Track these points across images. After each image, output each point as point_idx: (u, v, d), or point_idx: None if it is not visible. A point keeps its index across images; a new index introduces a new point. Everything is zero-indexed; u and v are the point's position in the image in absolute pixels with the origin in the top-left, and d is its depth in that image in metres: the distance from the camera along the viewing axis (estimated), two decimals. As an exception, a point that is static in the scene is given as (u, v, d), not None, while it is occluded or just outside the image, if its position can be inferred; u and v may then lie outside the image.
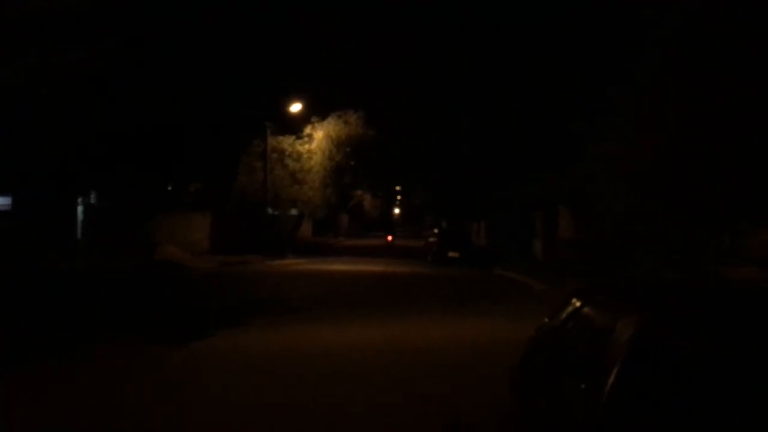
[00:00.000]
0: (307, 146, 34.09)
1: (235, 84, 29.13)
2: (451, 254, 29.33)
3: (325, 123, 34.38)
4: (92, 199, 28.87)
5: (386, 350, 9.47)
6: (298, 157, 33.94)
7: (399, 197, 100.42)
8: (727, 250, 13.60)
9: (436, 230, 38.66)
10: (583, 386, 3.31)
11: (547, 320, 4.59)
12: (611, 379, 2.97)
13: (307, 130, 34.06)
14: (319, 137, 34.24)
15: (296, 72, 31.36)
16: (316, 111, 33.68)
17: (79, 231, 27.13)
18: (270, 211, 33.03)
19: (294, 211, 37.09)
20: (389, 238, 50.15)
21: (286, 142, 33.58)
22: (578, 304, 4.10)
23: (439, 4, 30.50)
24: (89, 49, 19.95)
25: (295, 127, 33.54)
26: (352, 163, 35.71)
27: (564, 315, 4.22)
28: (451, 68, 32.13)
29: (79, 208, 27.51)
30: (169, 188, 32.43)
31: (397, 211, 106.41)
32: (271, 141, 32.04)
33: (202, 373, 8.12)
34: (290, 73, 31.09)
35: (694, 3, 12.96)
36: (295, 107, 32.07)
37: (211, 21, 26.10)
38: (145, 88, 23.76)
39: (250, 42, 28.78)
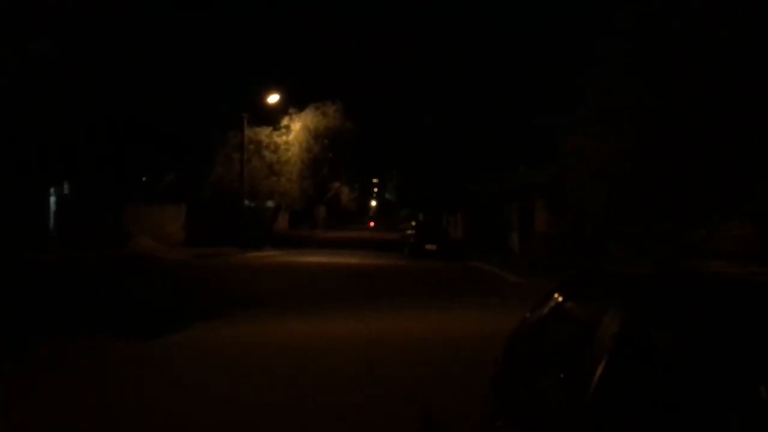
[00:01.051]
0: (284, 138, 33.84)
1: (213, 74, 28.79)
2: (428, 247, 29.36)
3: (302, 114, 34.16)
4: (65, 189, 28.38)
5: (363, 343, 9.40)
6: (276, 148, 33.68)
7: (375, 190, 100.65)
8: (700, 245, 13.77)
9: (413, 223, 38.69)
10: (566, 381, 3.27)
11: (529, 314, 4.54)
12: (596, 375, 2.92)
13: (285, 121, 33.81)
14: (296, 129, 34.01)
15: (274, 62, 31.13)
16: (294, 102, 33.45)
17: (51, 221, 26.66)
18: (247, 203, 32.76)
19: (271, 203, 36.85)
20: (371, 224, 50.49)
21: (264, 133, 33.30)
22: (561, 298, 4.05)
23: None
24: (61, 40, 19.59)
25: (272, 118, 33.28)
26: (329, 155, 35.55)
27: (546, 309, 4.18)
28: (427, 63, 32.16)
29: (52, 199, 27.03)
30: (144, 179, 32.00)
31: (373, 203, 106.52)
32: (248, 132, 31.74)
33: (174, 366, 7.97)
34: (268, 64, 30.84)
35: None
36: (273, 98, 31.79)
37: (189, 12, 25.76)
38: (120, 79, 23.38)
39: (227, 32, 28.47)
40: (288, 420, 5.88)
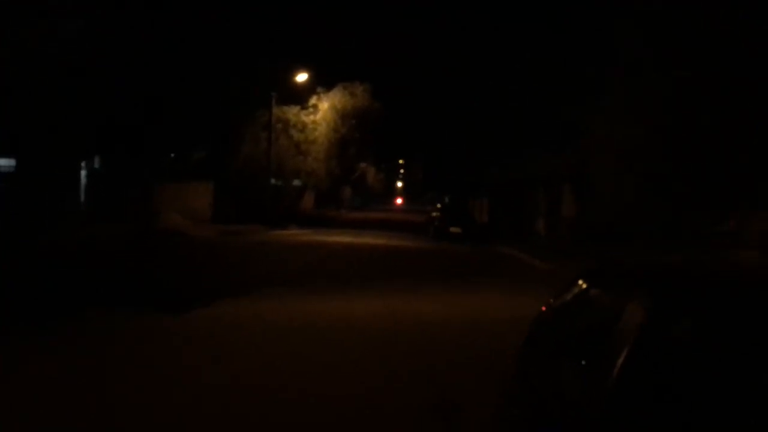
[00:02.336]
0: (312, 117, 33.89)
1: (242, 53, 28.86)
2: (453, 230, 29.29)
3: (330, 94, 34.16)
4: (95, 164, 28.78)
5: (384, 324, 9.46)
6: (303, 127, 33.76)
7: (402, 171, 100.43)
8: (729, 234, 13.54)
9: (438, 205, 38.60)
10: (587, 369, 3.27)
11: (552, 301, 4.53)
12: (619, 364, 2.92)
13: (313, 100, 33.83)
14: (324, 108, 34.03)
15: (303, 41, 31.11)
16: (322, 82, 33.45)
17: (82, 196, 27.09)
18: (273, 181, 32.95)
19: (297, 182, 37.02)
20: (398, 200, 50.76)
21: (291, 112, 33.38)
22: (585, 284, 4.04)
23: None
24: (93, 18, 19.77)
25: (300, 97, 33.34)
26: (356, 135, 35.56)
27: (570, 296, 4.17)
28: (456, 45, 31.93)
29: (83, 173, 27.44)
30: (173, 156, 32.32)
31: (399, 184, 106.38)
32: (276, 111, 31.84)
33: (201, 341, 8.12)
34: (297, 43, 30.83)
35: None
36: (302, 77, 31.81)
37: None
38: (151, 56, 23.56)
39: (259, 11, 28.48)
40: (301, 400, 5.97)
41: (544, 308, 4.58)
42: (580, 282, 4.14)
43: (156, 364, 6.93)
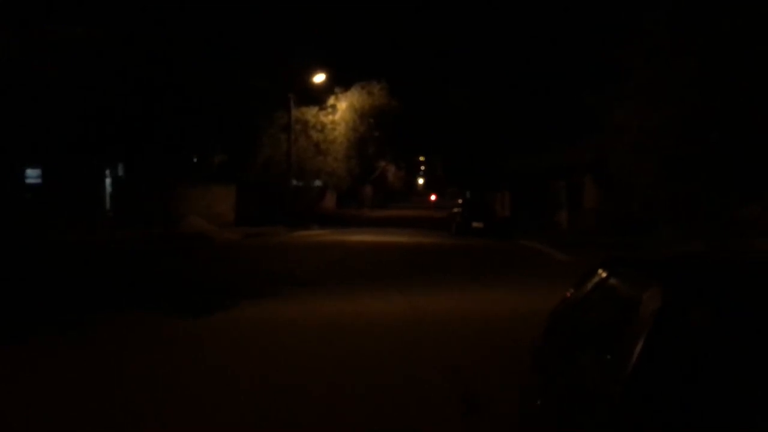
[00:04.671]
0: (330, 117, 34.01)
1: (259, 55, 29.06)
2: (474, 225, 29.21)
3: (348, 93, 34.24)
4: (119, 171, 29.19)
5: (407, 321, 9.50)
6: (322, 128, 33.89)
7: (422, 168, 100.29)
8: (754, 222, 13.36)
9: (459, 201, 38.51)
10: (605, 359, 3.28)
11: (571, 291, 4.54)
12: (635, 353, 2.93)
13: (331, 101, 33.95)
14: (342, 108, 34.13)
15: (320, 42, 31.22)
16: (339, 81, 33.54)
17: (107, 203, 27.50)
18: (294, 182, 33.12)
19: (318, 183, 37.17)
20: (433, 197, 51.10)
21: (310, 113, 33.52)
22: (604, 275, 4.04)
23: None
24: (109, 22, 20.04)
25: (318, 98, 33.46)
26: (375, 133, 35.61)
27: (589, 286, 4.17)
28: (471, 37, 31.80)
29: (107, 180, 27.85)
30: (195, 160, 32.65)
31: (420, 181, 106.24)
32: (295, 112, 32.00)
33: (226, 343, 8.22)
34: (314, 44, 30.95)
35: None
36: (319, 78, 31.92)
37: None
38: (170, 61, 23.82)
39: (274, 12, 28.64)
40: (328, 396, 6.03)
41: (564, 298, 4.60)
42: (599, 272, 4.15)
43: (180, 365, 7.03)
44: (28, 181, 24.38)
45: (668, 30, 12.98)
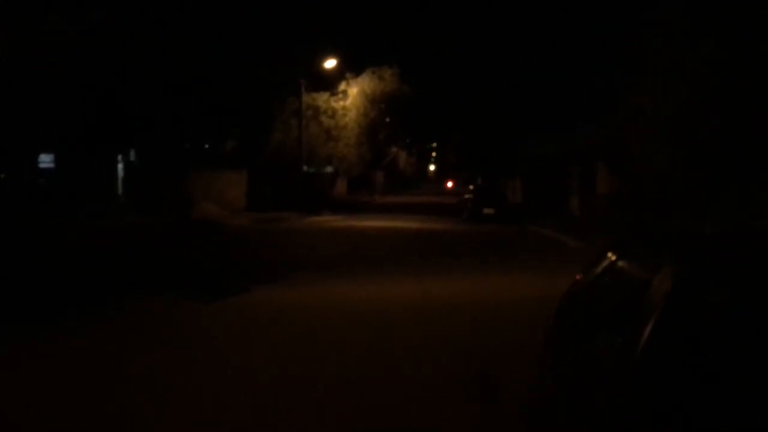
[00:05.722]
0: (341, 103, 33.93)
1: (270, 41, 28.99)
2: (486, 211, 29.13)
3: (359, 79, 34.13)
4: (131, 157, 29.32)
5: (423, 306, 9.53)
6: (333, 113, 33.83)
7: (434, 154, 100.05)
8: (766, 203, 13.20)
9: (471, 187, 38.41)
10: (616, 340, 3.27)
11: (582, 273, 4.53)
12: (646, 333, 2.92)
13: (342, 86, 33.85)
14: (353, 94, 34.03)
15: (331, 27, 31.07)
16: (350, 67, 33.42)
17: (120, 188, 27.65)
18: (305, 168, 33.14)
19: (329, 169, 37.16)
20: (450, 183, 52.06)
21: (321, 98, 33.46)
22: (614, 257, 4.03)
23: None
24: (122, 9, 20.02)
25: (329, 83, 33.36)
26: (387, 119, 35.50)
27: (599, 268, 4.16)
28: (483, 21, 31.54)
29: (119, 166, 27.99)
30: (206, 146, 32.71)
31: (432, 168, 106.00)
32: (306, 98, 31.95)
33: (238, 327, 8.27)
34: (325, 29, 30.81)
35: None
36: (330, 63, 31.80)
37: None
38: (181, 46, 23.81)
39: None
40: (341, 379, 6.07)
41: (574, 281, 4.59)
42: (609, 254, 4.13)
43: (194, 350, 7.09)
44: (42, 166, 24.55)
45: (686, 10, 12.80)
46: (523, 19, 27.91)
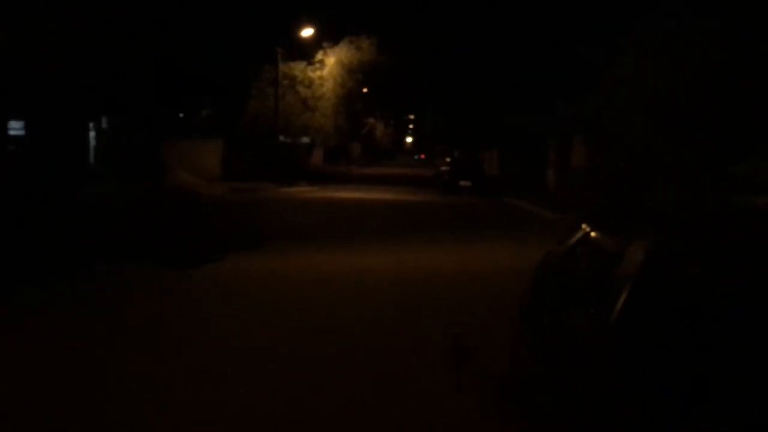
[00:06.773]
0: (318, 73, 33.55)
1: (247, 7, 28.45)
2: (462, 183, 29.21)
3: (337, 49, 33.74)
4: (103, 123, 28.75)
5: (399, 276, 9.54)
6: (310, 83, 33.46)
7: (411, 126, 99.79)
8: (747, 180, 13.36)
9: (447, 159, 38.40)
10: (591, 311, 3.29)
11: (557, 245, 4.55)
12: (620, 304, 2.94)
13: (319, 56, 33.45)
14: (330, 63, 33.66)
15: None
16: (328, 36, 32.98)
17: (91, 156, 27.15)
18: (282, 138, 32.83)
19: (305, 139, 36.88)
20: (422, 156, 52.89)
21: (298, 68, 33.05)
22: (588, 228, 4.05)
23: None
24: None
25: (306, 53, 32.94)
26: (364, 90, 35.20)
27: (574, 240, 4.18)
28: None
29: (91, 134, 27.44)
30: (181, 115, 32.19)
31: (409, 140, 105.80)
32: (283, 67, 31.52)
33: (213, 294, 8.23)
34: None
35: None
36: (307, 32, 31.35)
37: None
38: (155, 14, 23.30)
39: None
40: (317, 347, 6.07)
41: (548, 252, 4.61)
42: (584, 226, 4.15)
43: (168, 318, 7.04)
44: (12, 132, 23.98)
45: None
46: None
